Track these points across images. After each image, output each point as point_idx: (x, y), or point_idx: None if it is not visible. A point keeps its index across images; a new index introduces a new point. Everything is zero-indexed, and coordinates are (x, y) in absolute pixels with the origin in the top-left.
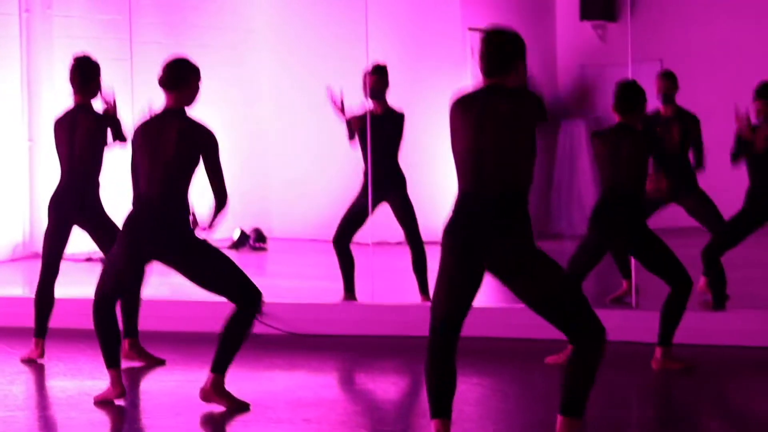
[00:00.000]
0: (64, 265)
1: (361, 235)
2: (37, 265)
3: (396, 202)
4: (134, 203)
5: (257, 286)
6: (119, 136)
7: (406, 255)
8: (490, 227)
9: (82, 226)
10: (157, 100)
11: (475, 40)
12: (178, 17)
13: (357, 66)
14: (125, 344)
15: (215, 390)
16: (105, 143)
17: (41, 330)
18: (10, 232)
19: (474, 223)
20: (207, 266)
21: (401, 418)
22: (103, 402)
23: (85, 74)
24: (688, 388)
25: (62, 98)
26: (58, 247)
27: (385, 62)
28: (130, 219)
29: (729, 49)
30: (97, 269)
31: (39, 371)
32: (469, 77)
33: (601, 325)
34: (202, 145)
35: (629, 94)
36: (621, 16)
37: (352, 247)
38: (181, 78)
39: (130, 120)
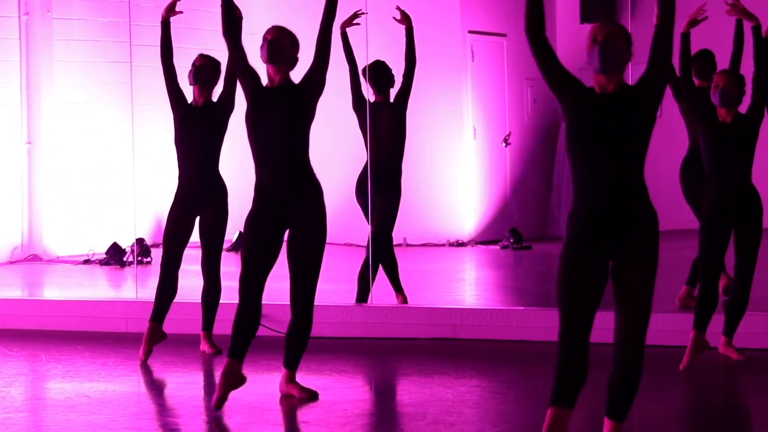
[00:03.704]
0: (62, 267)
1: (359, 237)
2: (35, 268)
3: None
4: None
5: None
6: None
7: (405, 257)
8: (616, 221)
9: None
10: (156, 101)
11: (475, 43)
12: (178, 20)
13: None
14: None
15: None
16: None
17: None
18: (9, 235)
19: (600, 218)
20: (306, 257)
21: (400, 420)
22: None
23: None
24: (688, 390)
25: (61, 99)
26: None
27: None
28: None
29: (730, 51)
30: (95, 271)
31: (37, 373)
32: (468, 79)
33: (642, 352)
34: (306, 88)
35: None
36: (621, 19)
37: (351, 250)
38: (284, 57)
39: (130, 122)
